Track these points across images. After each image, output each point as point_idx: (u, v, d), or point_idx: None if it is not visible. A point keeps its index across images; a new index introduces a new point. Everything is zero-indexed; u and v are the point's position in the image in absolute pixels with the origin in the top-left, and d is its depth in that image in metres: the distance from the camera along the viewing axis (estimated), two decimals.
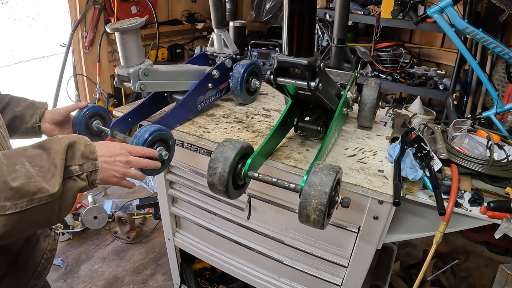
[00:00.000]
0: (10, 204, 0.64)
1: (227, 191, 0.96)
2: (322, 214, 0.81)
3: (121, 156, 0.88)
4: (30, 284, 0.89)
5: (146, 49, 3.23)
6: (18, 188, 0.64)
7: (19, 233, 0.71)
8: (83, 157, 0.77)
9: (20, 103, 1.10)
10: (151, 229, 2.67)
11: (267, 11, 3.61)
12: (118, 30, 1.07)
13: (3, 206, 0.63)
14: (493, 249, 2.47)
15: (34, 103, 1.13)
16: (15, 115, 1.08)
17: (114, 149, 0.88)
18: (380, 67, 2.90)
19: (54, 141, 0.75)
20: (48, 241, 0.95)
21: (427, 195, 1.05)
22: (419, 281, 1.09)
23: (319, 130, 1.16)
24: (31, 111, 1.10)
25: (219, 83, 1.47)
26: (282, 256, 1.39)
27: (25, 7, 2.53)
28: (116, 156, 0.87)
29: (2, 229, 0.63)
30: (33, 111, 1.11)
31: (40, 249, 0.92)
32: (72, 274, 2.26)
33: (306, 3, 0.82)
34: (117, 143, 0.91)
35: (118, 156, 0.88)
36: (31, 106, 1.11)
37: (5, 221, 0.63)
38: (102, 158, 0.83)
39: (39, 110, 1.11)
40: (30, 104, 1.12)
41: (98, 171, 0.80)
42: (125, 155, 0.90)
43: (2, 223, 0.63)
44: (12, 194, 0.64)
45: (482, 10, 2.58)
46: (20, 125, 1.10)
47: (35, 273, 0.90)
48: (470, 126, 1.23)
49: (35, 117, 1.10)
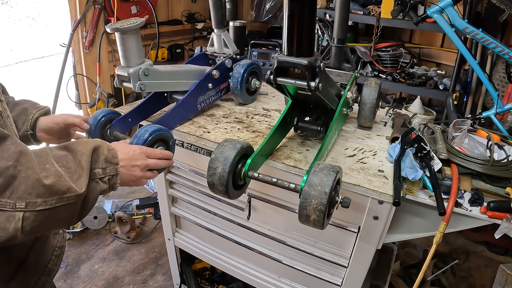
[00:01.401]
0: (41, 201, 0.65)
1: (227, 191, 0.96)
2: (322, 214, 0.81)
3: (139, 161, 0.92)
4: (41, 280, 0.91)
5: (146, 49, 3.23)
6: (50, 186, 0.66)
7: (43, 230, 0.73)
8: (106, 161, 0.81)
9: (15, 108, 1.06)
10: (151, 229, 2.67)
11: (267, 11, 3.61)
12: (118, 30, 1.07)
13: (34, 203, 0.65)
14: (493, 249, 2.47)
15: (27, 109, 1.07)
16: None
17: (133, 154, 0.92)
18: (380, 67, 2.90)
19: (80, 144, 0.79)
20: (57, 238, 0.98)
21: (427, 195, 1.05)
22: (419, 281, 1.09)
23: (319, 130, 1.16)
24: (24, 118, 1.05)
25: (219, 83, 1.47)
26: (282, 256, 1.39)
27: (25, 7, 2.54)
28: (136, 160, 0.91)
29: (30, 224, 0.65)
30: (25, 118, 1.05)
31: (50, 246, 0.95)
32: (72, 274, 2.26)
33: (306, 3, 0.82)
34: (137, 147, 0.96)
35: (137, 161, 0.92)
36: (24, 112, 1.06)
37: (34, 217, 0.65)
38: (122, 162, 0.86)
39: (31, 117, 1.06)
40: (23, 110, 1.06)
41: (118, 175, 0.83)
42: (144, 159, 0.94)
43: (31, 219, 0.65)
44: (44, 191, 0.66)
45: (482, 10, 2.59)
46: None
47: (46, 270, 0.92)
48: (470, 126, 1.23)
49: (26, 125, 1.05)
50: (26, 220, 0.64)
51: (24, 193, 0.64)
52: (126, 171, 0.88)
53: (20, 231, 0.64)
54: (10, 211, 0.63)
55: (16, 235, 0.64)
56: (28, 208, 0.64)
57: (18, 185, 0.63)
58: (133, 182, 0.92)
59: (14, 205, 0.63)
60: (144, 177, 0.94)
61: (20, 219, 0.63)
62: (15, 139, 0.69)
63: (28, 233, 0.66)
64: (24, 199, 0.64)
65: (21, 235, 0.65)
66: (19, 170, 0.64)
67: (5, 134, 0.67)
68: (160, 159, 1.00)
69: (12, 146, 0.66)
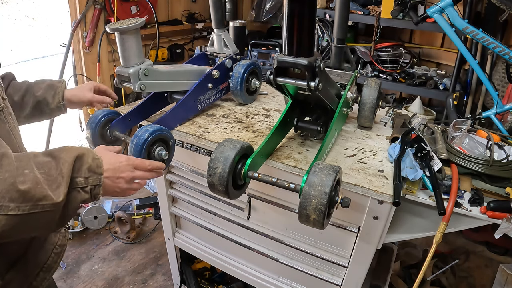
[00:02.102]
0: (14, 206, 0.65)
1: (227, 191, 0.96)
2: (322, 214, 0.81)
3: (125, 173, 0.89)
4: (40, 276, 0.92)
5: (146, 49, 3.23)
6: (25, 192, 0.66)
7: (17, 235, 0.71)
8: (90, 170, 0.79)
9: (39, 87, 1.15)
10: (151, 229, 2.67)
11: (267, 11, 3.61)
12: (118, 30, 1.07)
13: (7, 206, 0.64)
14: (493, 249, 2.47)
15: (52, 83, 1.18)
16: (37, 100, 1.14)
17: (120, 166, 0.88)
18: (380, 67, 2.90)
19: (63, 151, 0.77)
20: (58, 236, 0.98)
21: (427, 195, 1.05)
22: (419, 281, 1.09)
23: (319, 130, 1.16)
24: (52, 92, 1.16)
25: (219, 83, 1.47)
26: (282, 256, 1.39)
27: (25, 7, 2.53)
28: (121, 172, 0.88)
29: (0, 228, 0.64)
30: (54, 92, 1.17)
31: (50, 243, 0.95)
32: (72, 274, 2.26)
33: (306, 3, 0.82)
34: (125, 157, 0.92)
35: (123, 173, 0.88)
36: (51, 88, 1.17)
37: (5, 221, 0.64)
38: (107, 173, 0.84)
39: (60, 90, 1.18)
40: (49, 86, 1.17)
41: (101, 186, 0.81)
42: (130, 172, 0.91)
43: (2, 223, 0.64)
44: (17, 196, 0.65)
45: (482, 10, 2.58)
46: (45, 107, 1.16)
47: (44, 266, 0.93)
48: (470, 126, 1.23)
49: (58, 97, 1.17)
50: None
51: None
52: (110, 182, 0.85)
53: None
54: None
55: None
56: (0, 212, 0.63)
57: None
58: (118, 194, 0.89)
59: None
60: (130, 189, 0.91)
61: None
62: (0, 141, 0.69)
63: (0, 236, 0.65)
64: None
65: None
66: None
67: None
68: (150, 170, 0.97)
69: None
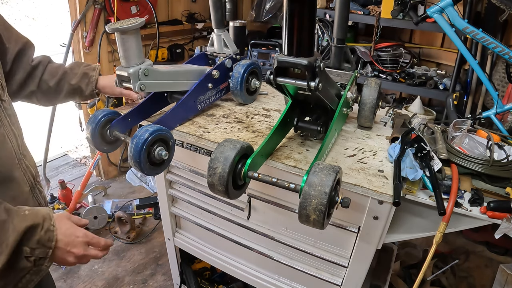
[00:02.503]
0: None
1: (227, 191, 0.96)
2: (322, 214, 0.81)
3: (77, 249, 0.87)
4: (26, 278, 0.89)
5: (146, 49, 3.23)
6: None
7: None
8: (39, 242, 0.78)
9: (74, 74, 1.25)
10: (151, 229, 2.67)
11: (267, 11, 3.61)
12: (118, 30, 1.07)
13: None
14: (493, 249, 2.47)
15: (87, 72, 1.28)
16: (72, 88, 1.25)
17: (73, 240, 0.86)
18: (380, 67, 2.90)
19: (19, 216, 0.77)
20: None
21: (427, 195, 1.05)
22: (419, 281, 1.09)
23: (319, 130, 1.16)
24: (86, 80, 1.27)
25: (219, 83, 1.47)
26: (282, 256, 1.39)
27: (25, 7, 2.54)
28: (73, 247, 0.86)
29: None
30: (88, 80, 1.27)
31: None
32: (72, 274, 2.26)
33: (306, 3, 0.82)
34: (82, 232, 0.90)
35: (74, 248, 0.86)
36: (85, 76, 1.27)
37: None
38: (59, 244, 0.82)
39: (93, 79, 1.28)
40: (84, 75, 1.27)
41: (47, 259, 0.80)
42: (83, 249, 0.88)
43: None
44: None
45: (482, 10, 2.58)
46: (80, 94, 1.28)
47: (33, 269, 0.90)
48: (470, 126, 1.23)
49: (91, 86, 1.28)
50: None
51: None
52: (59, 254, 0.84)
53: None
54: None
55: None
56: None
57: None
58: (64, 264, 0.88)
59: None
60: (76, 263, 0.89)
61: None
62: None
63: None
64: None
65: None
66: None
67: None
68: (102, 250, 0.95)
69: None
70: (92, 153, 3.43)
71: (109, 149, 1.28)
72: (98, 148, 1.25)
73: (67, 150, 3.81)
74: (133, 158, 1.06)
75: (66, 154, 3.76)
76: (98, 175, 3.34)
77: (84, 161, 3.62)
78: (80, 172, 3.42)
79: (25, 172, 0.95)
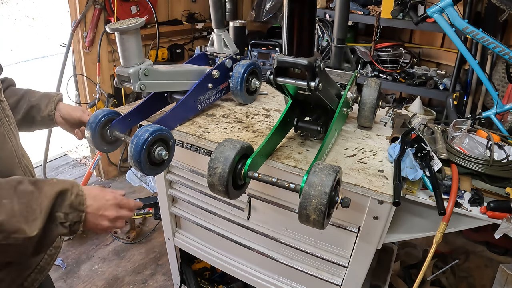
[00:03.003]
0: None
1: (227, 191, 0.96)
2: (322, 214, 0.81)
3: (110, 211, 0.87)
4: (31, 277, 0.91)
5: (146, 49, 3.23)
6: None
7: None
8: (71, 206, 0.79)
9: (35, 94, 1.16)
10: (151, 229, 2.67)
11: (267, 11, 3.61)
12: (118, 30, 1.07)
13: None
14: (493, 249, 2.47)
15: (48, 93, 1.18)
16: (31, 105, 1.13)
17: (105, 204, 0.87)
18: (380, 67, 2.90)
19: (48, 184, 0.77)
20: None
21: (427, 195, 1.05)
22: (419, 281, 1.09)
23: (319, 130, 1.16)
24: (46, 100, 1.16)
25: (219, 83, 1.47)
26: (282, 256, 1.39)
27: (25, 7, 2.54)
28: (105, 210, 0.86)
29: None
30: (48, 100, 1.16)
31: None
32: (72, 274, 2.26)
33: (306, 3, 0.82)
34: (112, 195, 0.90)
35: (106, 211, 0.87)
36: (46, 96, 1.17)
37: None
38: (90, 208, 0.83)
39: (54, 99, 1.17)
40: (44, 95, 1.17)
41: (82, 223, 0.81)
42: (115, 211, 0.89)
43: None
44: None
45: (482, 10, 2.58)
46: (36, 114, 1.15)
47: (37, 267, 0.93)
48: (470, 126, 1.23)
49: (50, 106, 1.15)
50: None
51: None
52: (92, 219, 0.84)
53: None
54: None
55: None
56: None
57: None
58: (99, 231, 0.88)
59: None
60: (113, 227, 0.90)
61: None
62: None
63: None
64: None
65: None
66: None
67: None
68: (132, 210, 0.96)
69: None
70: (92, 153, 3.43)
71: (109, 149, 1.28)
72: (98, 148, 1.24)
73: (67, 150, 3.81)
74: (133, 158, 1.06)
75: (66, 154, 3.76)
76: (98, 175, 3.34)
77: (84, 161, 3.63)
78: (80, 172, 3.42)
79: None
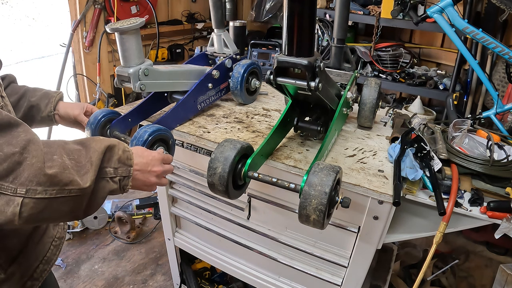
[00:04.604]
0: (41, 189, 0.67)
1: (227, 191, 0.96)
2: (322, 214, 0.81)
3: (157, 167, 0.91)
4: (39, 268, 0.93)
5: (146, 49, 3.23)
6: (52, 176, 0.67)
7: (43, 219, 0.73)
8: (120, 161, 0.81)
9: (35, 93, 1.16)
10: (151, 229, 2.67)
11: (267, 11, 3.61)
12: (118, 30, 1.07)
13: (34, 190, 0.66)
14: (493, 249, 2.47)
15: (48, 92, 1.18)
16: (30, 105, 1.13)
17: (152, 160, 0.91)
18: (380, 67, 2.90)
19: (95, 140, 0.79)
20: (57, 229, 1.00)
21: (427, 195, 1.05)
22: (419, 281, 1.09)
23: (319, 130, 1.16)
24: (46, 100, 1.16)
25: (219, 83, 1.47)
26: (282, 256, 1.39)
27: (25, 7, 2.53)
28: (153, 166, 0.91)
29: (28, 211, 0.66)
30: (48, 100, 1.16)
31: (49, 235, 0.97)
32: (72, 274, 2.26)
33: (306, 3, 0.82)
34: (156, 152, 0.94)
35: (154, 167, 0.91)
36: (45, 96, 1.16)
37: (33, 204, 0.66)
38: (137, 166, 0.86)
39: (54, 99, 1.16)
40: (45, 94, 1.17)
41: (131, 178, 0.82)
42: (161, 166, 0.93)
43: (29, 206, 0.66)
44: (44, 180, 0.67)
45: (482, 10, 2.58)
46: (36, 114, 1.15)
47: (44, 258, 0.94)
48: (470, 126, 1.23)
49: (50, 106, 1.15)
50: (24, 206, 0.65)
51: (26, 179, 0.65)
52: (141, 176, 0.87)
53: (18, 216, 0.65)
54: (11, 195, 0.65)
55: (13, 219, 0.65)
56: (28, 195, 0.65)
57: (22, 172, 0.65)
58: (147, 188, 0.91)
59: (15, 190, 0.65)
60: (159, 183, 0.94)
61: (19, 204, 0.65)
62: (27, 127, 0.71)
63: (26, 220, 0.67)
64: (25, 185, 0.65)
65: (19, 220, 0.66)
66: (25, 157, 0.66)
67: (17, 122, 0.69)
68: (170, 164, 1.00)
69: (22, 133, 0.68)
70: None
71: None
72: None
73: None
74: None
75: None
76: None
77: None
78: None
79: None
